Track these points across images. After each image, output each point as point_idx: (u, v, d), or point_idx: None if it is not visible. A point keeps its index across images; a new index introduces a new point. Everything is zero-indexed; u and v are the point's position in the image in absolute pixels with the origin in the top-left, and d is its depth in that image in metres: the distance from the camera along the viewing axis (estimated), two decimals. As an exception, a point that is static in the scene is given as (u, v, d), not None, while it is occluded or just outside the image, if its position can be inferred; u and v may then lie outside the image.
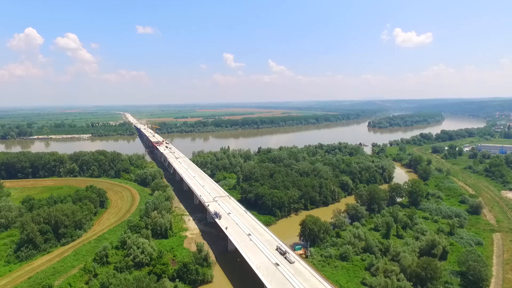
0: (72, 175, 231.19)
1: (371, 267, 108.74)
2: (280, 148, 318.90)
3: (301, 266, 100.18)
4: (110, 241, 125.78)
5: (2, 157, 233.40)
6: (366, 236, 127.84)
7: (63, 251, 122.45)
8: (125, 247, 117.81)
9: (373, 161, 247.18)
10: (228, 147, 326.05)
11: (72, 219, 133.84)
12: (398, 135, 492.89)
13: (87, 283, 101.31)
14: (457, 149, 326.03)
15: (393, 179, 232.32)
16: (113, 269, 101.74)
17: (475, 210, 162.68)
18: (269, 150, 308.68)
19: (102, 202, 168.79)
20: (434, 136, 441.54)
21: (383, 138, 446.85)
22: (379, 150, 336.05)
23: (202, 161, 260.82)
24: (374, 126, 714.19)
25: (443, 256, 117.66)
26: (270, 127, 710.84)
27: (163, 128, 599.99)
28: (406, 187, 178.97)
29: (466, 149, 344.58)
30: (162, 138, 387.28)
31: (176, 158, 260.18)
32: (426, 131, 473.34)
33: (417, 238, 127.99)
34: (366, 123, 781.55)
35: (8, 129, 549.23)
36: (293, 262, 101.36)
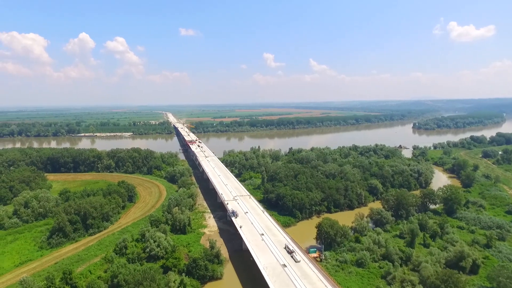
0: (108, 171, 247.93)
1: (388, 276, 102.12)
2: (312, 149, 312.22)
3: (309, 268, 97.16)
4: (132, 234, 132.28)
5: (48, 153, 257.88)
6: (388, 243, 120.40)
7: (89, 241, 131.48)
8: (143, 239, 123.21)
9: (409, 165, 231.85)
10: (259, 147, 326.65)
11: (100, 211, 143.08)
12: (446, 138, 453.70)
13: (105, 272, 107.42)
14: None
15: (430, 184, 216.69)
16: (126, 260, 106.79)
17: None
18: (299, 151, 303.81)
19: (130, 196, 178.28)
20: (487, 139, 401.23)
21: (429, 141, 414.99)
22: (419, 153, 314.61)
23: (231, 161, 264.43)
24: (419, 128, 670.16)
25: (474, 270, 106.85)
26: (306, 127, 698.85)
27: (199, 128, 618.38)
28: (441, 193, 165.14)
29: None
30: (195, 137, 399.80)
31: (206, 157, 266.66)
32: (481, 133, 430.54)
33: (445, 248, 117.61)
34: (411, 125, 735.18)
35: (59, 127, 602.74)
36: (299, 261, 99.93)
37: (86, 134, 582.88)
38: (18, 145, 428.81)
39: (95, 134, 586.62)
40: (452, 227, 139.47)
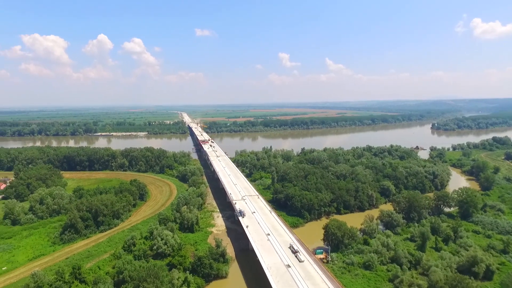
0: (122, 169, 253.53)
1: (395, 279, 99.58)
2: (324, 149, 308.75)
3: (313, 269, 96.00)
4: (141, 232, 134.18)
5: (65, 151, 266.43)
6: (397, 246, 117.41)
7: (100, 237, 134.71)
8: (151, 237, 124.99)
9: (424, 166, 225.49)
10: (271, 147, 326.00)
11: (111, 209, 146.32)
12: (467, 139, 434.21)
13: (113, 268, 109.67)
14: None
15: (446, 187, 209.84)
16: (132, 257, 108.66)
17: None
18: (312, 151, 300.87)
19: (141, 195, 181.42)
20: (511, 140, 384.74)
21: (448, 142, 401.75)
22: (436, 155, 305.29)
23: (243, 160, 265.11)
24: (438, 128, 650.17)
25: (488, 276, 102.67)
26: (320, 127, 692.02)
27: (212, 128, 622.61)
28: (456, 196, 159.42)
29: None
30: (208, 137, 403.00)
31: (217, 156, 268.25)
32: (504, 134, 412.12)
33: (457, 253, 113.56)
34: (430, 125, 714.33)
35: (77, 127, 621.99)
36: (303, 261, 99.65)
37: (103, 134, 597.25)
38: (38, 143, 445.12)
39: (111, 133, 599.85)
40: (467, 231, 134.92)
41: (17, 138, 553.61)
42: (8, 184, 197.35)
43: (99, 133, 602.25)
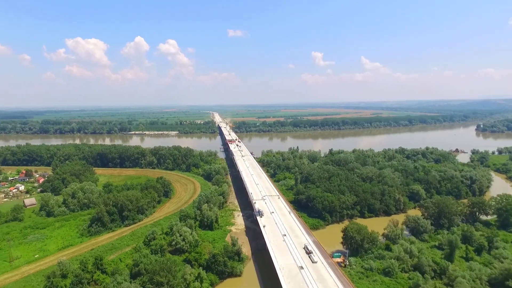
0: (151, 167, 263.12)
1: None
2: (353, 151, 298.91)
3: (327, 272, 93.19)
4: (162, 227, 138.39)
5: (98, 149, 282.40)
6: (421, 253, 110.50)
7: (124, 231, 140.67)
8: (171, 233, 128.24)
9: (461, 170, 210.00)
10: (297, 147, 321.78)
11: (135, 205, 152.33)
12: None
13: (133, 260, 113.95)
14: None
15: (485, 193, 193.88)
16: (149, 251, 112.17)
17: None
18: (340, 152, 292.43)
19: (166, 192, 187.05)
20: None
21: (494, 145, 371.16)
22: (478, 158, 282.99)
23: (268, 160, 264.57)
24: (484, 130, 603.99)
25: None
26: (352, 128, 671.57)
27: (241, 127, 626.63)
28: (494, 203, 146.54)
29: None
30: (236, 137, 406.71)
31: (242, 156, 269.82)
32: None
33: (490, 264, 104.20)
34: (475, 127, 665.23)
35: (112, 125, 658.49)
36: (315, 262, 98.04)
37: (136, 132, 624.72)
38: (77, 141, 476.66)
39: (144, 132, 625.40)
40: (505, 242, 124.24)
41: (59, 136, 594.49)
42: (46, 178, 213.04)
43: (133, 132, 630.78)
